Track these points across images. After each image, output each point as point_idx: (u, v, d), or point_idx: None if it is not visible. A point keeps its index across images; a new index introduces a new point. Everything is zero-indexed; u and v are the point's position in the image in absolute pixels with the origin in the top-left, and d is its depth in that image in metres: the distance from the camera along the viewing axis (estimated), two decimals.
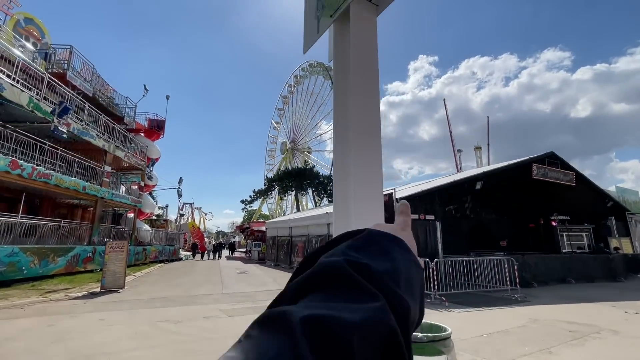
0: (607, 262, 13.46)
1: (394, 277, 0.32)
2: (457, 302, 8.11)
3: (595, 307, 7.73)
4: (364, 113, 1.06)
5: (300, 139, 64.91)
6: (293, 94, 69.11)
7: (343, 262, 0.31)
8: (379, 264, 0.33)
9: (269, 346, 0.24)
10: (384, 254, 0.35)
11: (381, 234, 0.38)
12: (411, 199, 11.32)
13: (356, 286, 0.29)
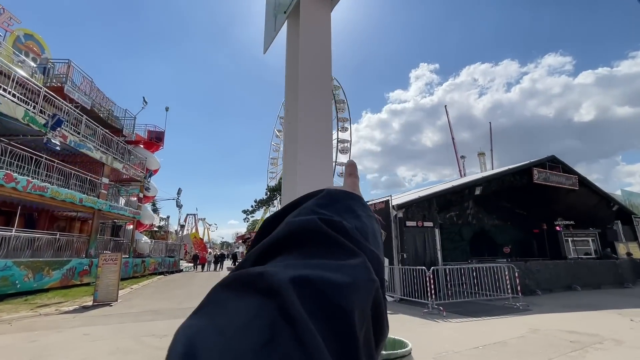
0: (613, 267, 13.05)
1: (363, 232, 0.32)
2: (456, 312, 7.83)
3: (600, 315, 7.42)
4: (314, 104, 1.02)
5: None
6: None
7: (316, 219, 0.29)
8: (348, 220, 0.32)
9: (254, 311, 0.20)
10: (350, 211, 0.34)
11: (341, 192, 0.37)
12: (408, 206, 11.13)
13: (335, 244, 0.28)
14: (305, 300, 0.21)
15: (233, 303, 0.21)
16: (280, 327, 0.19)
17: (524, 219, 20.45)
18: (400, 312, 8.13)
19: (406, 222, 10.88)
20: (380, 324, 0.28)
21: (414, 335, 5.79)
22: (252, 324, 0.19)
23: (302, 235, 0.28)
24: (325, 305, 0.22)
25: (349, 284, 0.24)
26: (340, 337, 0.21)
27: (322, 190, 0.37)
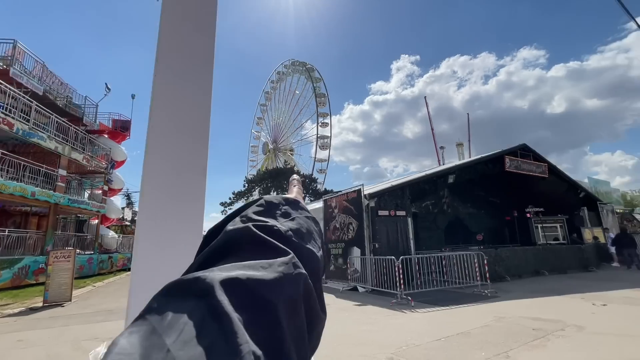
0: (579, 252, 13.45)
1: (297, 232, 0.36)
2: (425, 301, 7.71)
3: (564, 300, 7.48)
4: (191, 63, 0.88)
5: (282, 139, 64.16)
6: (275, 90, 68.35)
7: (250, 227, 0.33)
8: (283, 223, 0.36)
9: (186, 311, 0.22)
10: (285, 215, 0.38)
11: (279, 198, 0.41)
12: (380, 195, 10.90)
13: (266, 246, 0.31)
14: (234, 297, 0.23)
15: (170, 307, 0.23)
16: (208, 323, 0.21)
17: (497, 207, 20.86)
18: (369, 303, 7.93)
19: (378, 211, 10.67)
20: (314, 311, 0.31)
21: (377, 327, 5.57)
22: (184, 323, 0.21)
23: (237, 242, 0.32)
24: (252, 299, 0.24)
25: (274, 279, 0.27)
26: (266, 326, 0.23)
27: (261, 199, 0.40)
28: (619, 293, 7.96)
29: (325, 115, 56.41)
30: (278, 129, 65.30)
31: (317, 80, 57.99)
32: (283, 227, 0.35)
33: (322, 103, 55.99)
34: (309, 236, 0.37)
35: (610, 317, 5.68)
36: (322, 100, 56.03)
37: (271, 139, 66.88)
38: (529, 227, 18.32)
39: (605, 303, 6.79)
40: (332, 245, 11.85)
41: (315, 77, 57.76)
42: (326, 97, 56.89)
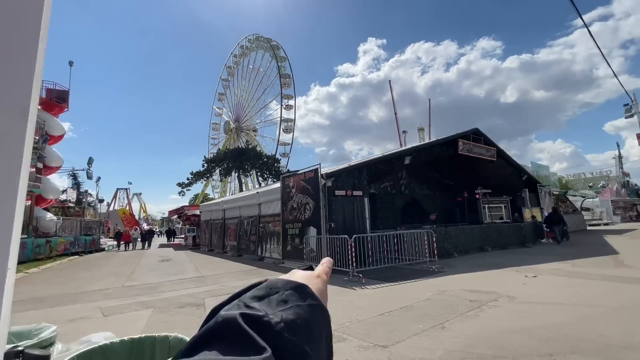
0: (518, 230, 14.61)
1: (291, 325, 0.33)
2: (376, 278, 7.89)
3: (502, 273, 8.03)
4: None
5: (245, 118, 61.93)
6: (238, 65, 65.15)
7: (236, 316, 0.32)
8: (276, 313, 0.34)
9: None
10: (283, 302, 0.36)
11: (283, 282, 0.39)
12: (337, 175, 10.86)
13: (245, 340, 0.31)
14: None
15: None
16: None
17: (451, 189, 21.96)
18: None
19: (335, 191, 10.64)
20: None
21: (336, 300, 5.54)
22: None
23: (221, 332, 0.31)
24: None
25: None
26: None
27: (265, 280, 0.39)
28: (548, 265, 8.72)
29: (289, 97, 54.71)
30: (240, 108, 62.82)
31: (282, 60, 55.73)
32: (275, 319, 0.32)
33: (286, 84, 54.01)
34: (306, 331, 0.34)
35: (538, 287, 6.15)
36: (286, 81, 54.01)
37: (233, 117, 64.29)
38: (477, 207, 19.53)
39: (535, 275, 7.38)
40: (289, 225, 11.72)
41: (280, 56, 55.46)
42: (291, 79, 54.91)
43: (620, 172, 63.46)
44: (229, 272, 10.44)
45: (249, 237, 15.11)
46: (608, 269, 7.78)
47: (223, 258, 15.14)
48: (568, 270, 7.86)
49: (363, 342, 3.65)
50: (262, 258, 13.64)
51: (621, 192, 46.50)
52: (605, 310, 4.46)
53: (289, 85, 54.91)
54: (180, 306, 5.97)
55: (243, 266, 11.94)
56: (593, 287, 5.96)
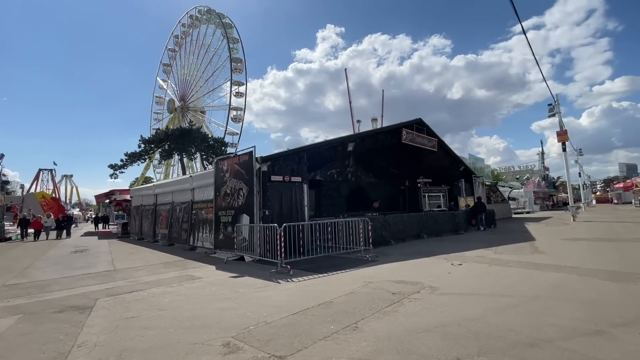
0: (452, 218, 15.29)
1: None
2: (307, 269, 7.44)
3: (432, 261, 8.08)
4: None
5: (191, 97, 57.58)
6: (187, 35, 59.82)
7: None
8: None
9: None
10: None
11: None
12: (274, 159, 10.14)
13: None
14: None
15: None
16: None
17: (396, 177, 22.49)
18: (248, 274, 7.30)
19: (271, 176, 9.94)
20: None
21: (238, 303, 4.92)
22: None
23: None
24: None
25: None
26: None
27: None
28: (474, 252, 9.03)
29: (240, 84, 51.27)
30: (187, 86, 58.19)
31: (235, 41, 51.81)
32: None
33: (237, 69, 50.44)
34: None
35: (460, 276, 6.15)
36: (238, 66, 50.35)
37: (179, 95, 59.46)
38: (418, 196, 20.23)
39: (461, 262, 7.50)
40: (222, 213, 10.79)
41: (232, 37, 51.53)
42: (243, 63, 51.31)
43: (541, 166, 71.42)
44: (149, 265, 9.30)
45: (181, 225, 13.84)
46: (525, 255, 8.21)
47: (152, 248, 13.72)
48: (491, 257, 8.15)
49: (259, 353, 3.08)
50: (194, 248, 12.54)
51: (541, 184, 52.36)
52: (518, 301, 4.44)
53: (241, 71, 51.36)
54: (60, 310, 4.90)
55: (169, 257, 10.81)
56: (510, 275, 6.10)
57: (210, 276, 7.31)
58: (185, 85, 58.77)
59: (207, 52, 54.82)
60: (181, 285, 6.46)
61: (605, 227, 15.56)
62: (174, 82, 61.94)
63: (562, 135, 22.02)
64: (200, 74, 55.62)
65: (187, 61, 58.67)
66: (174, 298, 5.42)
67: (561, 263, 6.97)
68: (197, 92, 56.37)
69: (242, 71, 51.46)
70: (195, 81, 56.67)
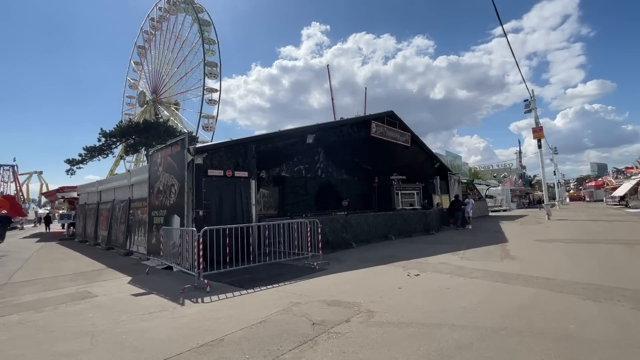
0: (424, 217, 14.26)
1: None
2: (234, 283, 6.11)
3: (387, 270, 6.89)
4: None
5: (163, 90, 54.75)
6: (157, 30, 56.77)
7: None
8: None
9: None
10: None
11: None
12: (213, 151, 8.71)
13: None
14: None
15: None
16: None
17: (369, 174, 21.38)
18: (158, 290, 5.88)
19: (208, 170, 8.50)
20: None
21: (94, 343, 3.51)
22: None
23: None
24: None
25: None
26: None
27: None
28: (438, 258, 7.91)
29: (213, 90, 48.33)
30: (159, 77, 55.29)
31: (210, 42, 49.11)
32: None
33: (212, 74, 47.66)
34: None
35: (411, 294, 4.96)
36: (212, 70, 47.54)
37: (150, 88, 56.47)
38: (391, 194, 19.19)
39: (419, 272, 6.33)
40: (155, 213, 9.28)
41: (209, 38, 48.88)
42: (218, 67, 48.46)
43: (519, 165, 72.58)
44: (56, 277, 7.68)
45: (119, 227, 12.17)
46: (494, 262, 7.15)
47: (84, 253, 11.98)
48: (455, 264, 7.04)
49: None
50: (130, 253, 10.94)
51: (518, 182, 52.91)
52: (472, 336, 3.24)
53: (215, 75, 48.57)
54: None
55: (92, 265, 9.21)
56: (472, 292, 4.95)
57: (111, 293, 5.84)
58: (157, 78, 55.86)
59: (178, 39, 51.98)
60: (57, 309, 4.97)
61: (579, 226, 14.94)
62: (146, 74, 58.79)
63: (538, 132, 21.51)
64: (172, 64, 52.81)
65: (160, 52, 55.69)
66: (18, 333, 3.96)
67: (533, 273, 5.91)
68: (169, 83, 53.52)
69: (216, 75, 48.91)
70: (167, 72, 53.85)
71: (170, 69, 53.51)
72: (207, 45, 47.43)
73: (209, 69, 47.70)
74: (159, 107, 53.69)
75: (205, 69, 47.24)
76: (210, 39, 48.30)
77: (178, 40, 52.46)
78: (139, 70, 60.96)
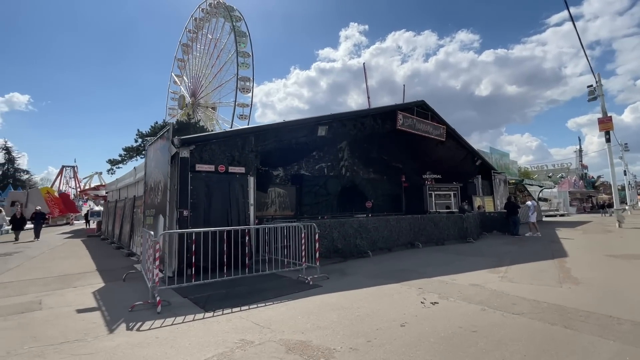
0: (459, 221, 12.17)
1: None
2: (200, 301, 4.97)
3: (397, 291, 5.31)
4: None
5: (201, 93, 56.60)
6: (194, 41, 59.04)
7: None
8: None
9: None
10: None
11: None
12: (202, 142, 7.69)
13: None
14: None
15: None
16: None
17: (399, 173, 19.42)
18: (110, 304, 4.90)
19: (196, 165, 7.50)
20: None
21: None
22: None
23: None
24: None
25: None
26: None
27: None
28: (469, 277, 6.13)
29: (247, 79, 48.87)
30: (197, 82, 57.28)
31: (242, 35, 49.81)
32: None
33: (245, 64, 48.18)
34: None
35: (416, 337, 3.40)
36: (245, 61, 48.09)
37: (190, 91, 58.74)
38: (423, 194, 17.15)
39: (438, 299, 4.69)
40: (148, 212, 8.53)
41: (240, 31, 49.66)
42: (250, 58, 48.95)
43: (579, 164, 64.72)
44: (37, 279, 7.14)
45: (126, 226, 11.78)
46: (548, 287, 5.25)
47: (94, 253, 11.70)
48: (491, 288, 5.25)
49: None
50: (131, 253, 10.40)
51: (579, 184, 46.76)
52: None
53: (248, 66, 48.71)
54: None
55: (84, 266, 8.68)
56: (511, 342, 3.27)
57: (59, 307, 4.97)
58: (196, 82, 57.93)
59: (216, 46, 53.40)
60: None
61: None
62: (187, 80, 61.30)
63: (606, 123, 18.04)
64: (210, 69, 54.42)
65: (198, 56, 57.75)
66: None
67: (612, 310, 4.02)
68: (207, 88, 55.24)
69: (249, 66, 49.39)
70: (205, 77, 55.60)
71: (208, 74, 55.15)
72: (241, 58, 48.06)
73: (242, 84, 48.24)
74: (197, 109, 55.54)
75: (238, 84, 47.76)
76: (244, 52, 48.82)
77: (216, 48, 53.78)
78: (179, 82, 63.69)
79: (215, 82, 54.22)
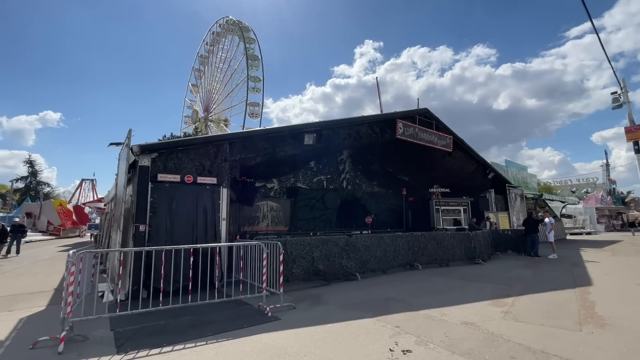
0: (465, 240, 10.89)
1: None
2: (120, 337, 4.09)
3: (366, 330, 4.26)
4: None
5: (214, 108, 57.49)
6: (211, 53, 60.53)
7: None
8: None
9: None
10: None
11: None
12: (166, 150, 6.99)
13: None
14: None
15: None
16: None
17: (404, 186, 18.26)
18: (22, 336, 4.11)
19: (158, 174, 6.79)
20: None
21: None
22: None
23: None
24: None
25: None
26: None
27: None
28: (465, 310, 4.99)
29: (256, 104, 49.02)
30: (210, 97, 58.35)
31: (251, 41, 50.63)
32: None
33: (255, 89, 48.45)
34: None
35: None
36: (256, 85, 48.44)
37: (202, 106, 59.82)
38: (429, 209, 15.90)
39: (414, 345, 3.63)
40: (114, 226, 7.84)
41: (248, 37, 50.55)
42: (261, 82, 49.25)
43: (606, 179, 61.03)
44: None
45: (106, 239, 11.20)
46: (564, 331, 4.08)
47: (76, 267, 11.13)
48: (488, 330, 4.13)
49: None
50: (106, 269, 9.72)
51: (607, 200, 43.66)
52: None
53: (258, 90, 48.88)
54: None
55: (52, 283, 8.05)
56: None
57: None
58: (209, 97, 59.03)
59: (230, 65, 54.32)
60: None
61: None
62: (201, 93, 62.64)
63: (634, 132, 16.41)
64: (223, 87, 55.33)
65: (212, 73, 59.06)
66: None
67: None
68: (219, 106, 56.00)
69: (259, 91, 49.40)
70: (218, 93, 56.55)
71: (219, 88, 56.12)
72: (252, 83, 48.49)
73: (251, 109, 48.39)
74: (210, 124, 56.30)
75: (248, 109, 47.93)
76: (255, 77, 49.28)
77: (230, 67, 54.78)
78: (195, 92, 65.19)
79: (227, 101, 54.90)
